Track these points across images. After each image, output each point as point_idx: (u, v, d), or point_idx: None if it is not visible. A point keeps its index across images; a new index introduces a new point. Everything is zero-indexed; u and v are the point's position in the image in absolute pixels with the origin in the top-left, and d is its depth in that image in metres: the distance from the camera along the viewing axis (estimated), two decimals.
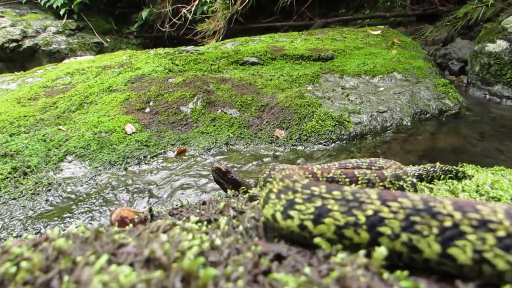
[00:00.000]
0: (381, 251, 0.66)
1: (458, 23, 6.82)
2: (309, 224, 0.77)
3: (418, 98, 4.24)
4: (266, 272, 0.63)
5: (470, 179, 1.94)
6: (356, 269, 0.63)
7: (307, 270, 0.63)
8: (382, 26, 7.25)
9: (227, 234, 0.82)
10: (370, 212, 0.74)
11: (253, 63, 5.19)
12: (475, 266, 0.64)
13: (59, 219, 2.45)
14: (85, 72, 4.95)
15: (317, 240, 0.80)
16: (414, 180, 1.46)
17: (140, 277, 0.54)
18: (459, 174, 2.02)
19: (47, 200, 2.63)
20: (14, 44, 8.00)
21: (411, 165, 2.76)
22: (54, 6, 8.83)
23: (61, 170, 2.98)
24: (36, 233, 2.30)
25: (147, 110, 3.92)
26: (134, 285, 0.53)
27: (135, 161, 3.17)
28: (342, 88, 4.45)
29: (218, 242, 0.73)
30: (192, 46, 6.66)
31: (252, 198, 1.35)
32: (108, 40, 9.52)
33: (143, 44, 10.16)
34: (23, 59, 8.18)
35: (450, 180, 1.97)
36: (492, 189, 1.75)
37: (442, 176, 2.01)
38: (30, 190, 2.71)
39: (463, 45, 6.59)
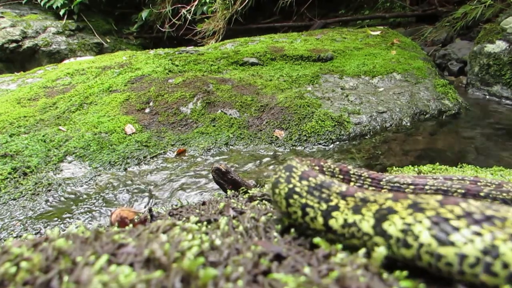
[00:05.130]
0: (380, 251, 0.66)
1: (458, 23, 6.83)
2: None
3: (417, 98, 4.24)
4: (266, 272, 0.63)
5: None
6: (355, 269, 0.63)
7: (307, 270, 0.63)
8: (382, 27, 7.26)
9: (227, 234, 0.82)
10: None
11: (253, 64, 5.19)
12: None
13: (59, 220, 2.45)
14: (85, 73, 4.95)
15: (316, 239, 0.80)
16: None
17: (140, 277, 0.54)
18: None
19: (47, 201, 2.63)
20: (14, 44, 8.00)
21: (410, 166, 2.77)
22: (54, 6, 8.83)
23: (61, 170, 2.98)
24: (36, 233, 2.30)
25: (147, 110, 3.92)
26: (134, 285, 0.53)
27: (135, 161, 3.17)
28: (341, 89, 4.45)
29: (218, 242, 0.73)
30: (192, 47, 6.66)
31: (252, 198, 1.35)
32: (108, 40, 9.52)
33: (143, 45, 10.16)
34: (23, 60, 8.17)
35: None
36: None
37: None
38: (30, 190, 2.71)
39: (462, 46, 6.61)
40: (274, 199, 0.91)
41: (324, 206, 0.82)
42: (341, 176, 1.14)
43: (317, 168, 1.10)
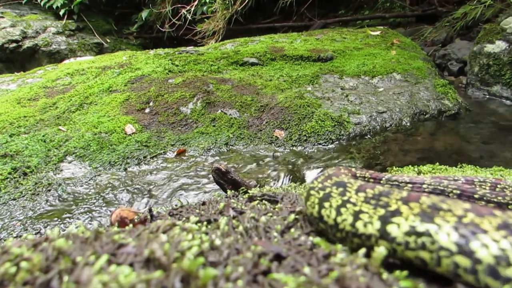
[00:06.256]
0: (380, 251, 0.66)
1: (457, 23, 6.83)
2: None
3: (417, 98, 4.24)
4: (266, 272, 0.63)
5: None
6: (355, 269, 0.63)
7: (306, 270, 0.63)
8: (382, 27, 7.26)
9: (227, 234, 0.82)
10: None
11: (252, 64, 5.19)
12: None
13: (59, 220, 2.45)
14: (85, 73, 4.95)
15: (316, 240, 0.80)
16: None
17: (140, 277, 0.54)
18: None
19: (47, 201, 2.63)
20: (14, 44, 8.00)
21: (410, 166, 2.77)
22: (54, 6, 8.83)
23: (61, 170, 2.98)
24: (36, 233, 2.30)
25: (147, 110, 3.92)
26: (134, 285, 0.53)
27: (135, 161, 3.17)
28: (341, 89, 4.46)
29: (217, 242, 0.73)
30: (192, 47, 6.66)
31: (252, 198, 1.35)
32: (108, 40, 9.52)
33: (143, 45, 10.17)
34: (23, 60, 8.18)
35: None
36: None
37: None
38: (30, 190, 2.71)
39: (462, 46, 6.61)
40: (322, 213, 0.86)
41: (381, 211, 0.75)
42: None
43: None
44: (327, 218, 0.84)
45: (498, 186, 1.26)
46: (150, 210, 1.17)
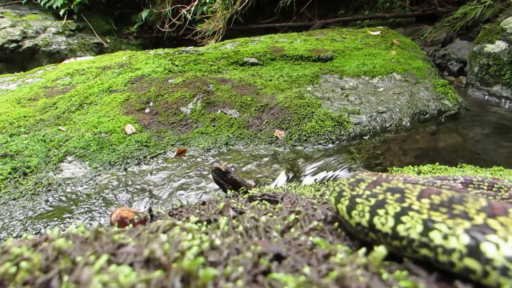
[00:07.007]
0: (380, 251, 0.66)
1: (457, 23, 6.83)
2: None
3: (417, 98, 4.24)
4: (266, 272, 0.63)
5: None
6: (355, 269, 0.63)
7: (306, 270, 0.63)
8: (382, 27, 7.26)
9: (227, 234, 0.82)
10: None
11: (252, 64, 5.19)
12: None
13: (59, 219, 2.45)
14: (85, 73, 4.95)
15: (316, 240, 0.80)
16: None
17: (140, 277, 0.54)
18: None
19: (47, 201, 2.63)
20: (14, 44, 8.00)
21: (410, 166, 2.77)
22: (54, 6, 8.83)
23: (61, 170, 2.98)
24: (36, 233, 2.30)
25: (147, 110, 3.92)
26: (133, 285, 0.53)
27: (135, 161, 3.17)
28: (341, 89, 4.46)
29: (217, 242, 0.73)
30: (192, 47, 6.66)
31: (251, 198, 1.35)
32: (108, 40, 9.52)
33: (143, 45, 10.17)
34: (23, 60, 8.18)
35: None
36: None
37: None
38: (30, 190, 2.71)
39: (462, 46, 6.61)
40: (374, 222, 0.79)
41: (465, 224, 0.65)
42: None
43: None
44: (381, 227, 0.77)
45: (495, 186, 1.25)
46: (150, 210, 1.17)
